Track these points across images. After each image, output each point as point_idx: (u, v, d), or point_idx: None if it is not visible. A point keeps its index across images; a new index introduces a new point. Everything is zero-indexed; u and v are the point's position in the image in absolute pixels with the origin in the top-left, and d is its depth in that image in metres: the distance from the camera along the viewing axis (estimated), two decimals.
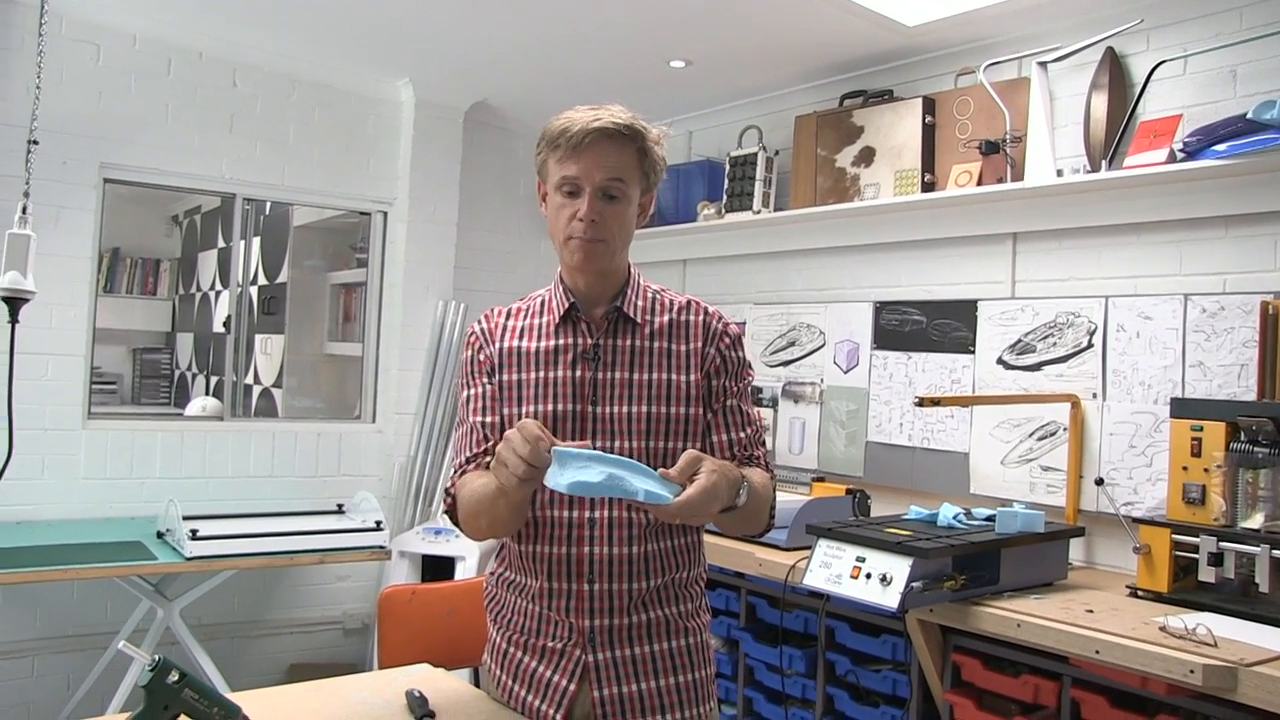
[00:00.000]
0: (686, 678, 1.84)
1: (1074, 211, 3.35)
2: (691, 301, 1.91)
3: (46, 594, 3.99)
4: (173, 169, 4.29)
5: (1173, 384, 3.09)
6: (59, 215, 3.93)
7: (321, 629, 4.73)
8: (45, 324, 3.90)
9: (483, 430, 1.84)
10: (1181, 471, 2.76)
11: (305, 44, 4.35)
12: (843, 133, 4.05)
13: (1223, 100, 3.05)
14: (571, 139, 1.73)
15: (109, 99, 4.10)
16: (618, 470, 1.58)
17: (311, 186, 4.67)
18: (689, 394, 1.82)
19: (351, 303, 5.52)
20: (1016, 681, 2.63)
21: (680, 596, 1.87)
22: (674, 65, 4.23)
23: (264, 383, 6.08)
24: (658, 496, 1.56)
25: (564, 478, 1.56)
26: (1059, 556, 2.95)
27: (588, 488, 1.56)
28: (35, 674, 4.01)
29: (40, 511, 3.96)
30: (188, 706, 1.50)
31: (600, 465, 1.58)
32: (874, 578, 2.61)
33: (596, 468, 1.57)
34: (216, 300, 6.58)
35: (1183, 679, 2.16)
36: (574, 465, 1.57)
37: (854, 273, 4.15)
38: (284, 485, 4.54)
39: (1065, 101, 3.43)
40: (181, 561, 3.56)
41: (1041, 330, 3.44)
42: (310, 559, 3.90)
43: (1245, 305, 2.94)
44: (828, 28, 3.71)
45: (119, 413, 5.85)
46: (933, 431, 3.73)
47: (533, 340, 1.86)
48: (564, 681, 1.79)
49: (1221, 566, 2.58)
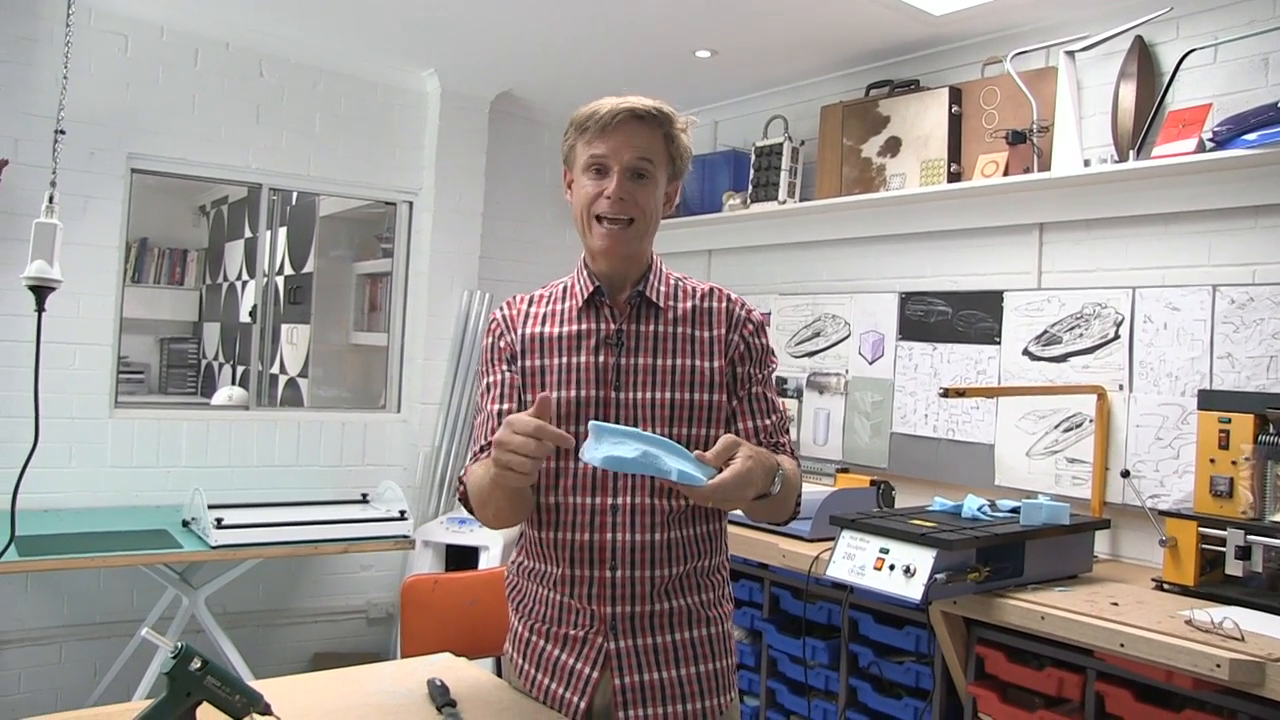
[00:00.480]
0: (708, 667, 1.84)
1: (1101, 202, 3.31)
2: (714, 289, 1.91)
3: (73, 581, 4.03)
4: (200, 159, 4.32)
5: (1200, 376, 3.06)
6: (87, 205, 3.97)
7: (346, 618, 4.76)
8: (73, 313, 3.94)
9: (499, 419, 1.84)
10: (1209, 464, 2.74)
11: (332, 35, 4.36)
12: (869, 123, 4.03)
13: (1254, 89, 3.01)
14: (600, 120, 1.74)
15: (137, 90, 4.13)
16: (653, 449, 1.57)
17: (337, 177, 4.69)
18: (712, 380, 1.82)
19: (377, 293, 5.54)
20: (1040, 674, 2.62)
21: (702, 585, 1.86)
22: (699, 55, 4.21)
23: (290, 372, 6.11)
24: (691, 477, 1.55)
25: (599, 451, 1.55)
26: (1084, 549, 2.93)
27: (622, 463, 1.55)
28: (62, 660, 4.06)
29: (67, 500, 4.00)
30: (210, 694, 1.49)
31: (636, 442, 1.57)
32: (897, 569, 2.60)
33: (632, 444, 1.57)
34: (243, 290, 6.61)
35: (1209, 673, 2.14)
36: (610, 440, 1.57)
37: (879, 263, 4.13)
38: (309, 475, 4.57)
39: (1093, 91, 3.39)
40: (207, 550, 3.59)
41: (1068, 321, 3.41)
42: (334, 548, 3.92)
43: (1275, 296, 2.91)
44: (854, 17, 3.69)
45: (146, 402, 5.89)
46: (958, 423, 3.71)
47: (555, 326, 1.85)
48: (587, 669, 1.78)
49: (1249, 560, 2.55)
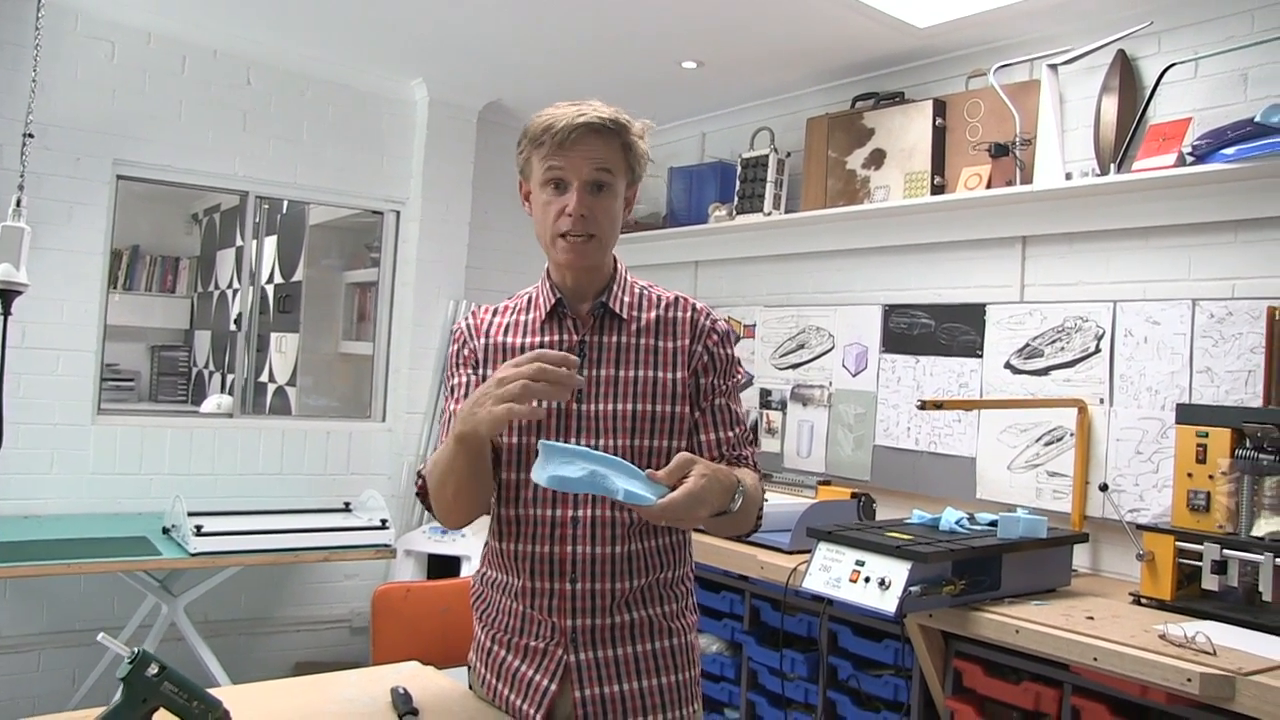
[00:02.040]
0: (670, 679, 1.82)
1: (1083, 215, 3.32)
2: (679, 298, 1.90)
3: (52, 588, 4.02)
4: (186, 167, 4.32)
5: (1180, 390, 3.05)
6: (71, 211, 3.97)
7: (328, 627, 4.75)
8: (56, 319, 3.94)
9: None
10: (1186, 478, 2.73)
11: (320, 43, 4.37)
12: (854, 135, 4.03)
13: (1233, 104, 3.02)
14: (556, 135, 1.72)
15: (123, 96, 4.13)
16: (601, 468, 1.55)
17: (324, 185, 4.69)
18: (675, 392, 1.80)
19: (367, 302, 5.53)
20: (1017, 688, 2.60)
21: (665, 596, 1.85)
22: (686, 66, 4.21)
23: (279, 381, 6.10)
24: (639, 497, 1.53)
25: (545, 471, 1.54)
26: (1062, 562, 2.92)
27: (568, 483, 1.53)
28: (41, 668, 4.04)
29: (47, 506, 3.99)
30: (166, 700, 1.47)
31: (584, 461, 1.55)
32: (872, 581, 2.59)
33: (579, 463, 1.55)
34: (234, 298, 6.59)
35: (1180, 687, 2.13)
36: (558, 459, 1.55)
37: (863, 275, 4.12)
38: (293, 483, 4.56)
39: (1075, 104, 3.40)
40: (186, 557, 3.58)
41: (1049, 335, 3.41)
42: (314, 556, 3.91)
43: (1253, 311, 2.91)
44: (839, 30, 3.70)
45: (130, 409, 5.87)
46: (940, 436, 3.70)
47: (518, 336, 1.84)
48: (545, 681, 1.77)
49: (1225, 574, 2.54)
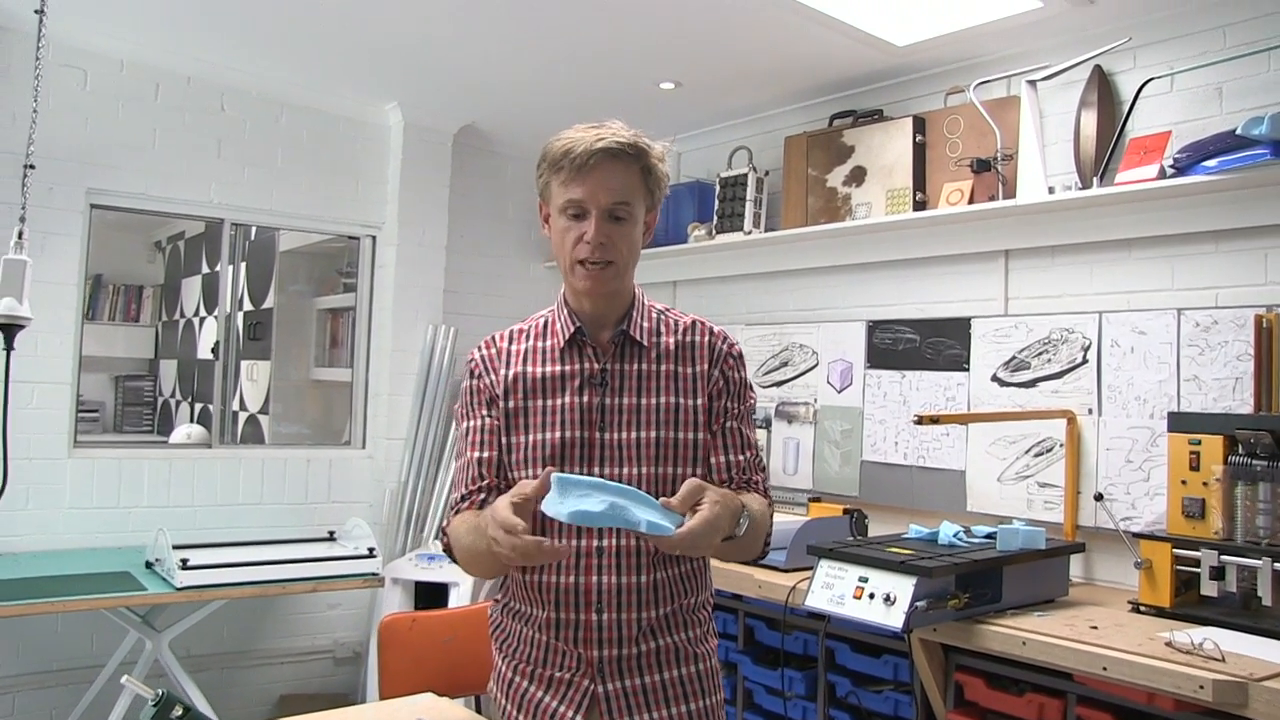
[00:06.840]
0: (697, 705, 1.81)
1: (1066, 228, 3.36)
2: (696, 322, 1.90)
3: (29, 628, 3.90)
4: (160, 194, 4.25)
5: (1168, 398, 3.10)
6: (45, 241, 3.88)
7: (313, 658, 4.67)
8: (31, 351, 3.84)
9: (479, 467, 1.81)
10: (1180, 485, 2.76)
11: (293, 68, 4.33)
12: (833, 152, 4.06)
13: (1210, 117, 3.08)
14: (575, 160, 1.70)
15: (96, 124, 4.07)
16: (620, 499, 1.54)
17: (300, 211, 4.64)
18: (696, 418, 1.80)
19: (339, 328, 5.48)
20: (1020, 700, 2.61)
21: (689, 622, 1.84)
22: (663, 86, 4.23)
23: (250, 409, 6.02)
24: (660, 528, 1.53)
25: (565, 506, 1.52)
26: (1060, 573, 2.95)
27: (589, 517, 1.52)
28: (16, 711, 3.92)
29: (24, 543, 3.89)
30: None
31: (601, 494, 1.55)
32: (877, 598, 2.59)
33: (598, 496, 1.54)
34: (200, 327, 6.52)
35: (1193, 695, 2.15)
36: (575, 493, 1.54)
37: (846, 292, 4.15)
38: (274, 513, 4.49)
39: (1055, 119, 3.45)
40: (172, 592, 3.51)
41: (1036, 347, 3.44)
42: (303, 587, 3.85)
43: (1238, 319, 2.96)
44: (817, 48, 3.72)
45: (105, 441, 5.77)
46: (928, 450, 3.73)
47: (538, 365, 1.83)
48: (569, 712, 1.75)
49: (1223, 580, 2.58)
